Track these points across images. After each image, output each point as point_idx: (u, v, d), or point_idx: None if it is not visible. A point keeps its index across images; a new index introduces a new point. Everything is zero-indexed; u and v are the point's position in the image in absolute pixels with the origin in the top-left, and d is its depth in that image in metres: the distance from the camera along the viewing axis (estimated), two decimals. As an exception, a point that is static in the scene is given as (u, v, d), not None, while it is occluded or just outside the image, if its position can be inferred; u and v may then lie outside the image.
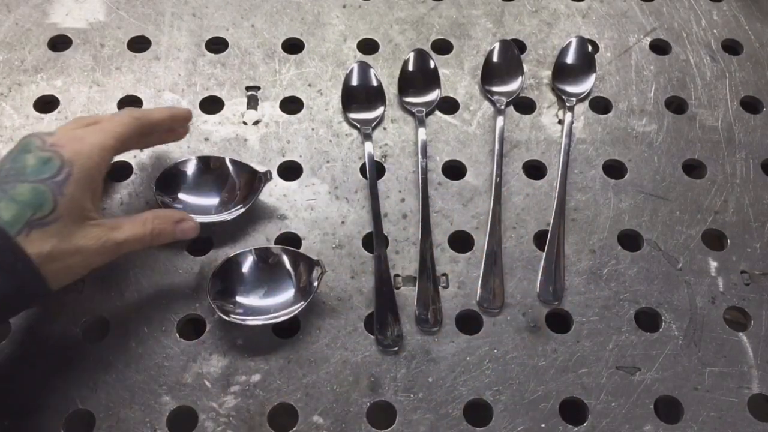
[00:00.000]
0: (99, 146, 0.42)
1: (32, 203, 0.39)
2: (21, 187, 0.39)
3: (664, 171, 0.56)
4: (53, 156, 0.40)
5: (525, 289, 0.50)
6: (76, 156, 0.41)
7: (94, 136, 0.43)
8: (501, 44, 0.61)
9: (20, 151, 0.41)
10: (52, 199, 0.39)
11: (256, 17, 0.62)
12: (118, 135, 0.44)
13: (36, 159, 0.40)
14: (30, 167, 0.40)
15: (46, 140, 0.41)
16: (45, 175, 0.40)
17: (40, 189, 0.39)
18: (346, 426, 0.44)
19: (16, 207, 0.38)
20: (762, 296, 0.50)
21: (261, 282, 0.48)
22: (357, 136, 0.56)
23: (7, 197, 0.38)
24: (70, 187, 0.40)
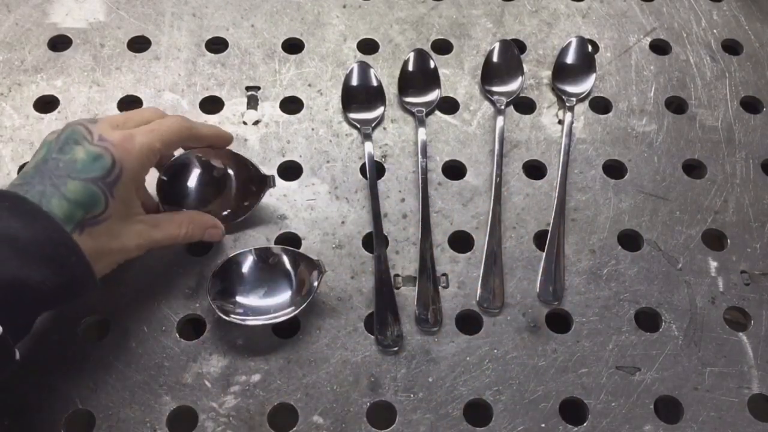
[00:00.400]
0: (147, 147, 0.42)
1: (85, 203, 0.39)
2: (72, 184, 0.39)
3: (664, 171, 0.56)
4: (104, 153, 0.40)
5: (525, 289, 0.50)
6: (125, 156, 0.41)
7: (144, 137, 0.43)
8: (501, 44, 0.61)
9: (67, 140, 0.41)
10: (104, 201, 0.40)
11: (256, 17, 0.62)
12: (166, 139, 0.44)
13: (86, 153, 0.40)
14: (80, 162, 0.40)
15: (93, 132, 0.41)
16: (96, 174, 0.40)
17: (92, 190, 0.40)
18: (346, 426, 0.44)
19: (69, 205, 0.39)
20: (762, 296, 0.50)
21: (261, 282, 0.48)
22: (357, 136, 0.56)
23: (59, 194, 0.39)
24: (120, 189, 0.41)
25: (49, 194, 0.39)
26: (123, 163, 0.41)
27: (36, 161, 0.41)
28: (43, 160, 0.40)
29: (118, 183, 0.41)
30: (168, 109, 0.56)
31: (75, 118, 0.55)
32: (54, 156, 0.40)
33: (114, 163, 0.41)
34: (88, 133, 0.41)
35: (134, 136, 0.42)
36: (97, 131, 0.41)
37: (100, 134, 0.41)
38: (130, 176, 0.41)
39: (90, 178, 0.40)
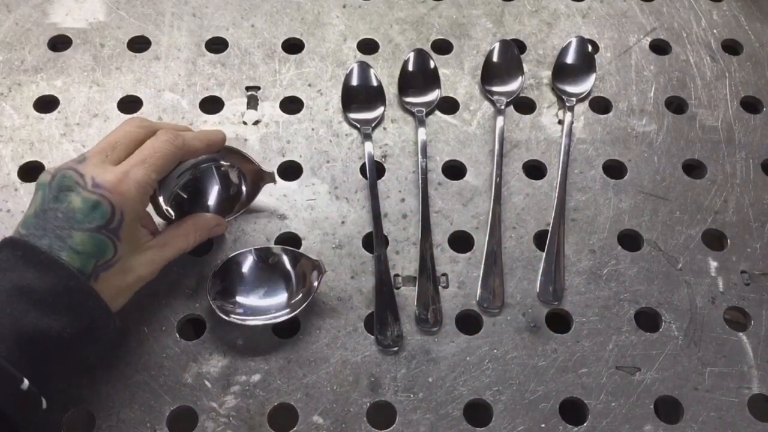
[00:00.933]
0: (143, 183, 0.41)
1: (95, 253, 0.39)
2: (78, 236, 0.39)
3: (664, 171, 0.56)
4: (101, 201, 0.40)
5: (525, 289, 0.50)
6: (123, 200, 0.40)
7: (138, 171, 0.41)
8: (501, 44, 0.61)
9: (59, 188, 0.40)
10: (113, 246, 0.40)
11: (256, 17, 0.62)
12: (159, 168, 0.43)
13: (83, 202, 0.39)
14: (79, 212, 0.39)
15: (84, 175, 0.40)
16: (99, 223, 0.39)
17: (99, 238, 0.39)
18: (346, 426, 0.44)
19: (80, 258, 0.39)
20: (762, 296, 0.50)
21: (261, 282, 0.48)
22: (357, 136, 0.56)
23: (67, 247, 0.39)
24: (125, 231, 0.41)
25: (58, 248, 0.38)
26: (123, 207, 0.40)
27: (35, 208, 0.40)
28: (42, 209, 0.40)
29: (122, 226, 0.40)
30: (168, 109, 0.56)
31: (75, 118, 0.56)
32: (51, 206, 0.40)
33: (113, 209, 0.40)
34: (79, 177, 0.40)
35: (128, 175, 0.41)
36: (89, 173, 0.40)
37: (93, 177, 0.40)
38: (132, 217, 0.41)
39: (93, 228, 0.39)
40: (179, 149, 0.44)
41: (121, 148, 0.43)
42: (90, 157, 0.41)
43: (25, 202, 0.51)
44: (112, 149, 0.42)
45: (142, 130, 0.44)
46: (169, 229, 0.46)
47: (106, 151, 0.42)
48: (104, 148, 0.42)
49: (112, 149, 0.42)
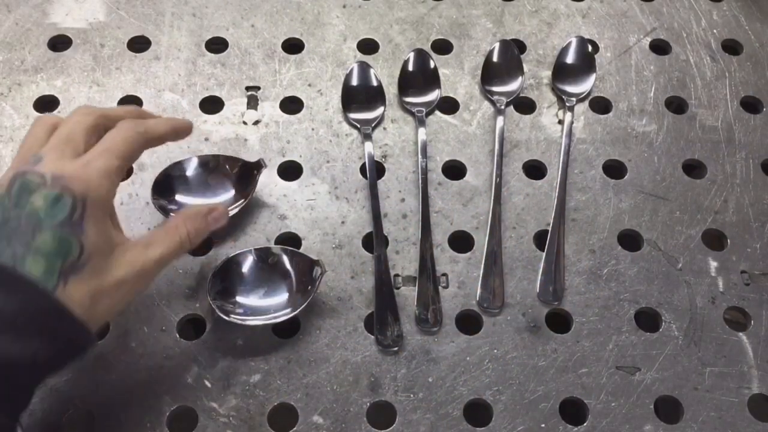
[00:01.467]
0: (106, 170, 0.38)
1: (59, 251, 0.36)
2: (41, 236, 0.36)
3: (664, 171, 0.56)
4: (63, 192, 0.37)
5: (525, 289, 0.50)
6: (85, 188, 0.37)
7: (100, 160, 0.39)
8: (501, 44, 0.61)
9: (20, 193, 0.37)
10: (78, 242, 0.37)
11: (256, 17, 0.62)
12: (122, 154, 0.40)
13: (44, 199, 0.36)
14: (41, 211, 0.36)
15: (44, 174, 0.37)
16: (61, 217, 0.36)
17: (61, 234, 0.36)
18: (346, 426, 0.44)
19: (44, 259, 0.36)
20: (762, 296, 0.50)
21: (261, 282, 0.48)
22: (357, 136, 0.56)
23: (31, 251, 0.36)
24: (90, 223, 0.37)
25: (21, 255, 0.35)
26: (85, 195, 0.37)
27: None
28: (3, 220, 0.36)
29: (86, 218, 0.37)
30: (168, 109, 0.56)
31: (75, 118, 0.55)
32: (13, 213, 0.36)
33: (75, 199, 0.37)
34: (39, 177, 0.37)
35: (89, 163, 0.38)
36: (48, 170, 0.37)
37: (52, 173, 0.37)
38: (97, 206, 0.38)
39: (56, 224, 0.36)
40: (142, 135, 0.41)
41: (77, 139, 0.40)
42: (46, 154, 0.38)
43: (25, 202, 0.51)
44: (67, 142, 0.39)
45: (93, 117, 0.41)
46: (153, 230, 0.43)
47: (61, 146, 0.39)
48: (58, 143, 0.39)
49: (67, 142, 0.39)
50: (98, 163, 0.38)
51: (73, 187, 0.37)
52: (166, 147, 0.54)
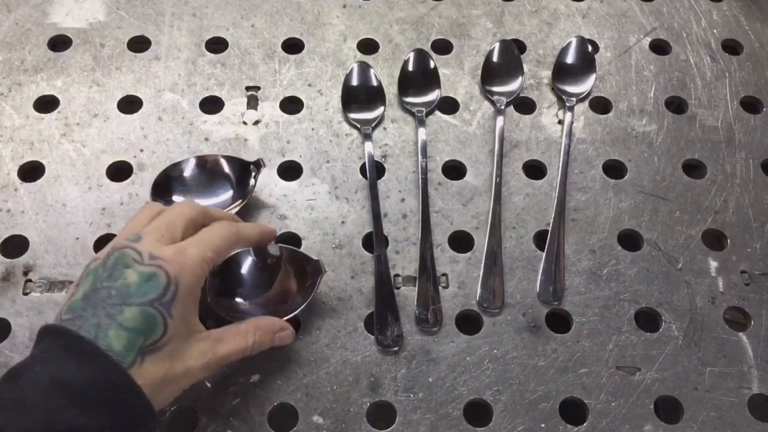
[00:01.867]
0: (200, 260, 0.40)
1: (143, 329, 0.37)
2: (129, 311, 0.37)
3: (664, 171, 0.56)
4: (157, 272, 0.38)
5: (525, 289, 0.50)
6: (180, 271, 0.38)
7: (196, 248, 0.40)
8: (501, 44, 0.61)
9: (116, 265, 0.38)
10: (163, 323, 0.37)
11: (256, 17, 0.62)
12: (217, 248, 0.41)
13: (138, 276, 0.38)
14: (133, 285, 0.37)
15: (142, 252, 0.39)
16: (152, 295, 0.37)
17: (150, 313, 0.37)
18: (346, 426, 0.44)
19: (127, 335, 0.36)
20: (762, 296, 0.50)
21: (261, 282, 0.48)
22: (357, 136, 0.56)
23: (116, 324, 0.36)
24: (178, 307, 0.38)
25: (105, 326, 0.36)
26: (179, 278, 0.38)
27: (84, 291, 0.38)
28: (93, 289, 0.37)
29: (176, 301, 0.38)
30: (168, 109, 0.56)
31: (75, 118, 0.56)
32: (104, 284, 0.37)
33: (169, 280, 0.38)
34: (137, 254, 0.38)
35: (185, 250, 0.40)
36: (146, 249, 0.39)
37: (150, 252, 0.39)
38: (187, 291, 0.39)
39: (146, 301, 0.37)
40: (235, 235, 0.43)
41: (176, 228, 0.42)
42: (145, 235, 0.40)
43: (25, 201, 0.51)
44: (167, 229, 0.41)
45: (194, 211, 0.43)
46: (226, 327, 0.43)
47: (161, 230, 0.41)
48: (159, 227, 0.41)
49: (167, 229, 0.41)
50: (193, 252, 0.40)
51: (168, 269, 0.38)
52: (165, 147, 0.54)
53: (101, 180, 0.53)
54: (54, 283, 0.48)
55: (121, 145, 0.54)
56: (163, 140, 0.55)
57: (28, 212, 0.51)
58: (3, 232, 0.50)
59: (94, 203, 0.52)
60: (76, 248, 0.50)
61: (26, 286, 0.48)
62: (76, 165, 0.53)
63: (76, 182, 0.53)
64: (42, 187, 0.52)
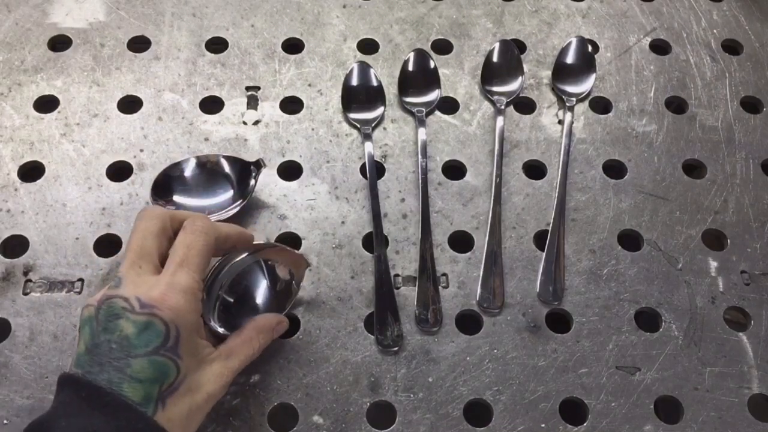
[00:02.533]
0: (190, 290, 0.39)
1: (157, 377, 0.37)
2: (137, 363, 0.36)
3: (664, 171, 0.56)
4: (152, 320, 0.37)
5: (525, 289, 0.50)
6: (175, 314, 0.38)
7: (181, 278, 0.39)
8: (501, 44, 0.61)
9: (107, 317, 0.37)
10: (175, 366, 0.37)
11: (256, 17, 0.62)
12: (200, 266, 0.40)
13: (134, 326, 0.37)
14: (132, 337, 0.36)
15: (129, 298, 0.37)
16: (155, 344, 0.37)
17: (159, 361, 0.37)
18: (346, 426, 0.44)
19: (143, 386, 0.36)
20: (762, 296, 0.50)
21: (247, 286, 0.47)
22: (357, 136, 0.56)
23: (127, 378, 0.36)
24: (184, 346, 0.38)
25: (117, 381, 0.36)
26: (177, 321, 0.37)
27: (85, 345, 0.37)
28: (93, 344, 0.37)
29: (180, 342, 0.37)
30: (168, 109, 0.56)
31: (75, 118, 0.56)
32: (102, 338, 0.37)
33: (167, 327, 0.37)
34: (123, 301, 0.37)
35: (172, 285, 0.38)
36: (131, 294, 0.38)
37: (137, 298, 0.37)
38: (187, 329, 0.38)
39: (151, 351, 0.36)
40: (212, 238, 0.42)
41: (150, 251, 0.40)
42: (125, 276, 0.39)
43: (25, 201, 0.51)
44: (140, 257, 0.40)
45: (158, 221, 0.41)
46: (231, 338, 0.43)
47: (137, 262, 0.39)
48: (133, 260, 0.39)
49: (140, 257, 0.40)
50: (181, 283, 0.39)
51: (163, 316, 0.37)
52: (165, 147, 0.54)
53: (101, 180, 0.53)
54: (54, 283, 0.48)
55: (121, 145, 0.54)
56: (163, 140, 0.55)
57: (28, 212, 0.51)
58: (3, 232, 0.50)
59: (94, 203, 0.52)
60: (76, 248, 0.50)
61: (26, 286, 0.48)
62: (76, 165, 0.53)
63: (76, 182, 0.53)
64: (42, 187, 0.52)
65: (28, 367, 0.45)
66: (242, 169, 0.52)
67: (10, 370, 0.45)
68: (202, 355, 0.40)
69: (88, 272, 0.49)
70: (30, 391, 0.44)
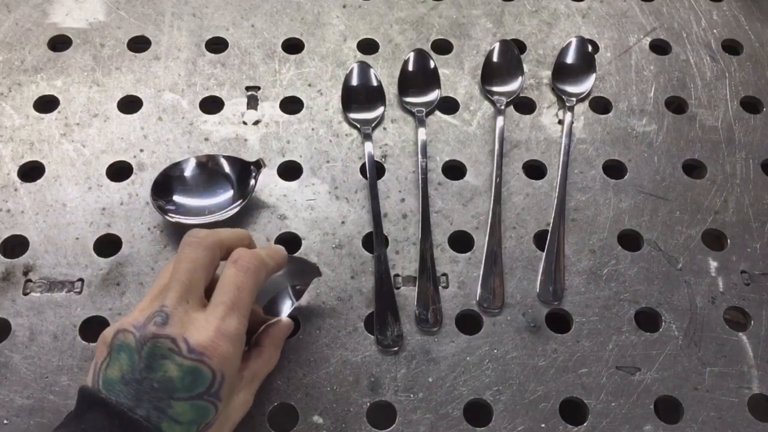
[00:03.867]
0: (238, 336, 0.38)
1: (197, 420, 0.37)
2: (179, 406, 0.36)
3: (664, 171, 0.56)
4: (200, 367, 0.36)
5: (525, 289, 0.50)
6: (222, 362, 0.37)
7: (231, 324, 0.38)
8: (501, 44, 0.61)
9: (152, 356, 0.36)
10: (215, 409, 0.37)
11: (256, 17, 0.62)
12: (247, 307, 0.40)
13: (179, 370, 0.36)
14: (177, 381, 0.36)
15: (177, 340, 0.36)
16: (200, 390, 0.36)
17: (201, 405, 0.37)
18: (346, 426, 0.44)
19: (182, 427, 0.36)
20: (762, 296, 0.50)
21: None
22: (357, 136, 0.56)
23: (167, 417, 0.35)
24: (226, 390, 0.38)
25: (156, 419, 0.35)
26: (223, 368, 0.37)
27: (122, 374, 0.36)
28: (132, 377, 0.36)
29: (223, 387, 0.37)
30: (168, 109, 0.56)
31: (75, 118, 0.56)
32: (144, 375, 0.36)
33: (214, 374, 0.37)
34: (172, 343, 0.36)
35: (221, 331, 0.37)
36: (180, 336, 0.37)
37: (186, 340, 0.36)
38: (232, 374, 0.38)
39: (195, 395, 0.36)
40: (263, 277, 0.41)
41: (197, 284, 0.39)
42: (172, 312, 0.37)
43: (25, 201, 0.51)
44: (188, 290, 0.39)
45: (209, 252, 0.40)
46: (253, 360, 0.42)
47: (184, 296, 0.38)
48: (182, 294, 0.38)
49: (188, 290, 0.39)
50: (231, 329, 0.38)
51: (212, 364, 0.37)
52: (165, 147, 0.54)
53: (101, 180, 0.53)
54: (54, 283, 0.48)
55: (121, 145, 0.54)
56: (163, 140, 0.55)
57: (28, 212, 0.51)
58: (3, 232, 0.50)
59: (94, 203, 0.52)
60: (76, 248, 0.50)
61: (26, 286, 0.48)
62: (76, 165, 0.53)
63: (76, 182, 0.53)
64: (42, 187, 0.52)
65: (28, 367, 0.45)
66: (242, 169, 0.52)
67: (10, 370, 0.45)
68: (235, 389, 0.40)
69: (88, 272, 0.49)
70: (30, 391, 0.44)
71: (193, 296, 0.39)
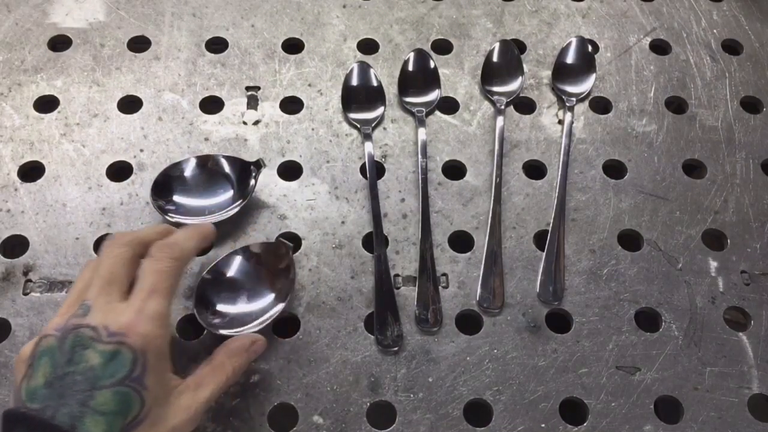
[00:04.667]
0: (159, 316, 0.38)
1: (121, 410, 0.35)
2: (101, 395, 0.35)
3: (664, 171, 0.56)
4: (120, 348, 0.36)
5: (525, 289, 0.50)
6: (144, 341, 0.36)
7: (151, 305, 0.38)
8: (501, 44, 0.61)
9: (73, 348, 0.36)
10: (140, 398, 0.36)
11: (256, 17, 0.62)
12: (168, 291, 0.39)
13: (101, 356, 0.35)
14: (98, 368, 0.35)
15: (97, 328, 0.36)
16: (121, 374, 0.35)
17: (123, 392, 0.35)
18: (346, 426, 0.44)
19: (105, 419, 0.34)
20: (762, 296, 0.50)
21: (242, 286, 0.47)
22: (357, 136, 0.56)
23: (90, 411, 0.34)
24: (151, 376, 0.36)
25: (80, 414, 0.34)
26: (145, 349, 0.36)
27: (45, 376, 0.35)
28: (55, 376, 0.35)
29: (147, 371, 0.36)
30: (168, 109, 0.56)
31: (75, 118, 0.55)
32: (66, 370, 0.35)
33: (135, 354, 0.36)
34: (91, 330, 0.36)
35: (141, 311, 0.37)
36: (100, 322, 0.36)
37: (106, 326, 0.36)
38: (156, 356, 0.37)
39: (116, 381, 0.35)
40: (180, 261, 0.41)
41: (119, 277, 0.39)
42: (93, 303, 0.38)
43: (25, 201, 0.51)
44: (110, 284, 0.39)
45: (129, 249, 0.41)
46: (201, 367, 0.41)
47: (105, 289, 0.39)
48: (103, 286, 0.39)
49: (109, 284, 0.39)
50: (150, 309, 0.38)
51: (132, 343, 0.36)
52: (165, 147, 0.54)
53: (101, 180, 0.53)
54: (54, 283, 0.48)
55: (121, 145, 0.55)
56: (163, 140, 0.55)
57: (28, 212, 0.51)
58: (3, 232, 0.50)
59: (94, 203, 0.52)
60: (76, 248, 0.50)
61: (26, 286, 0.48)
62: (76, 165, 0.53)
63: (76, 182, 0.53)
64: (42, 187, 0.52)
65: (28, 367, 0.45)
66: (242, 169, 0.52)
67: (10, 370, 0.45)
68: (169, 386, 0.38)
69: (88, 272, 0.49)
70: (30, 391, 0.44)
71: (115, 289, 0.39)
